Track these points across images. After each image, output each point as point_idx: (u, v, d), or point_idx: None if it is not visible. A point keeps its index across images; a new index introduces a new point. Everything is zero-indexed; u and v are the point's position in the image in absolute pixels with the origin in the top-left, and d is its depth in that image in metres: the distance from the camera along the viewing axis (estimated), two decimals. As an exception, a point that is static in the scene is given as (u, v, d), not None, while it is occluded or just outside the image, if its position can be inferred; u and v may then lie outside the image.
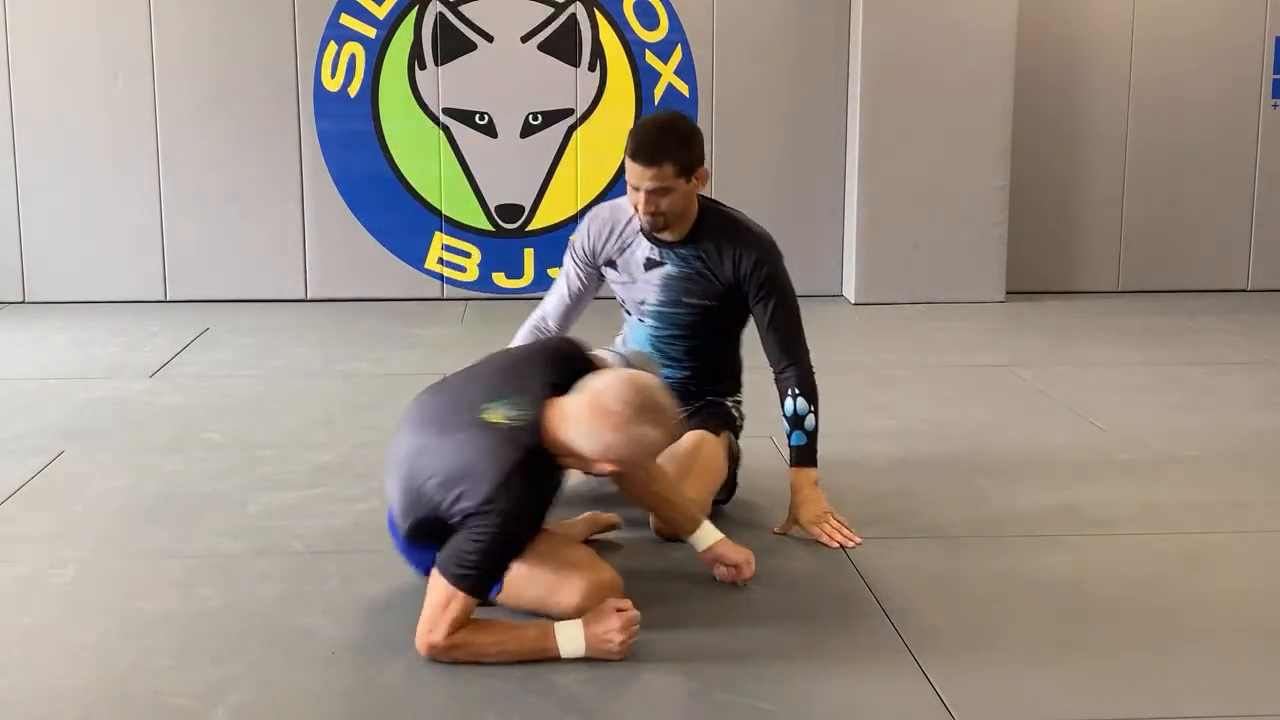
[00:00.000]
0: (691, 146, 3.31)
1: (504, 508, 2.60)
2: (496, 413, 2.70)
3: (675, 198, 3.30)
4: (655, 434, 2.68)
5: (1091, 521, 3.55)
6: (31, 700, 2.54)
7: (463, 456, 2.67)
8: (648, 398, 2.67)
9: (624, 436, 2.64)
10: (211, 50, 6.55)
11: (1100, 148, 6.98)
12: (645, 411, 2.65)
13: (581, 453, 2.68)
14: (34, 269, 6.65)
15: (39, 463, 4.00)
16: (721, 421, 3.57)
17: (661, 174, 3.24)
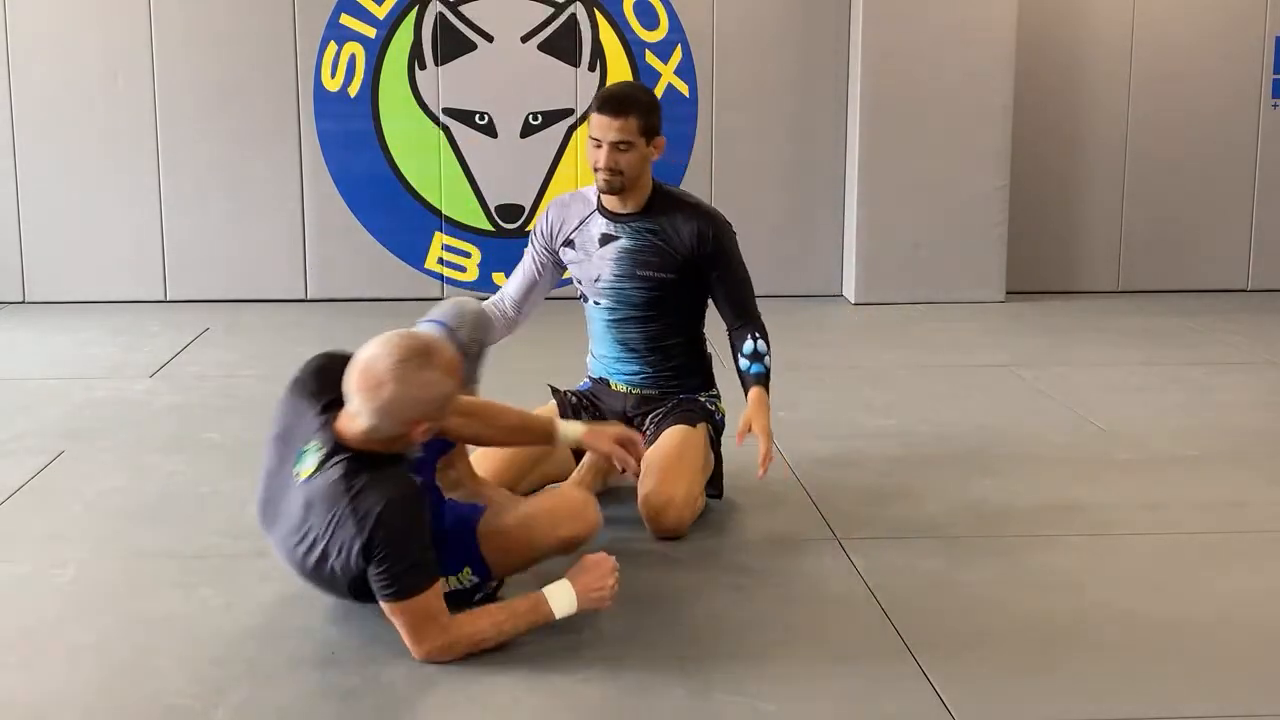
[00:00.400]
0: (656, 108, 3.44)
1: (380, 520, 2.53)
2: (307, 467, 2.64)
3: (634, 158, 3.38)
4: (435, 375, 2.56)
5: (1091, 521, 3.55)
6: (32, 700, 2.54)
7: (326, 528, 2.59)
8: (405, 346, 2.56)
9: (405, 393, 2.53)
10: (212, 50, 6.55)
11: (1100, 148, 6.98)
12: (410, 360, 2.54)
13: (389, 435, 2.59)
14: (34, 269, 6.65)
15: (39, 463, 4.00)
16: (697, 414, 3.55)
17: (627, 126, 3.34)
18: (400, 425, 2.59)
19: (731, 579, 3.14)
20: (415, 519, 2.60)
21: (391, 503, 2.55)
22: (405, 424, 2.59)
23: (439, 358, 2.61)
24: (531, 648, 2.74)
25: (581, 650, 2.75)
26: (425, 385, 2.56)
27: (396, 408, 2.55)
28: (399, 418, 2.57)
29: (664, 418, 3.54)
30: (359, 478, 2.57)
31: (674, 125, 6.73)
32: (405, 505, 2.58)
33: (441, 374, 2.59)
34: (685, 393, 3.61)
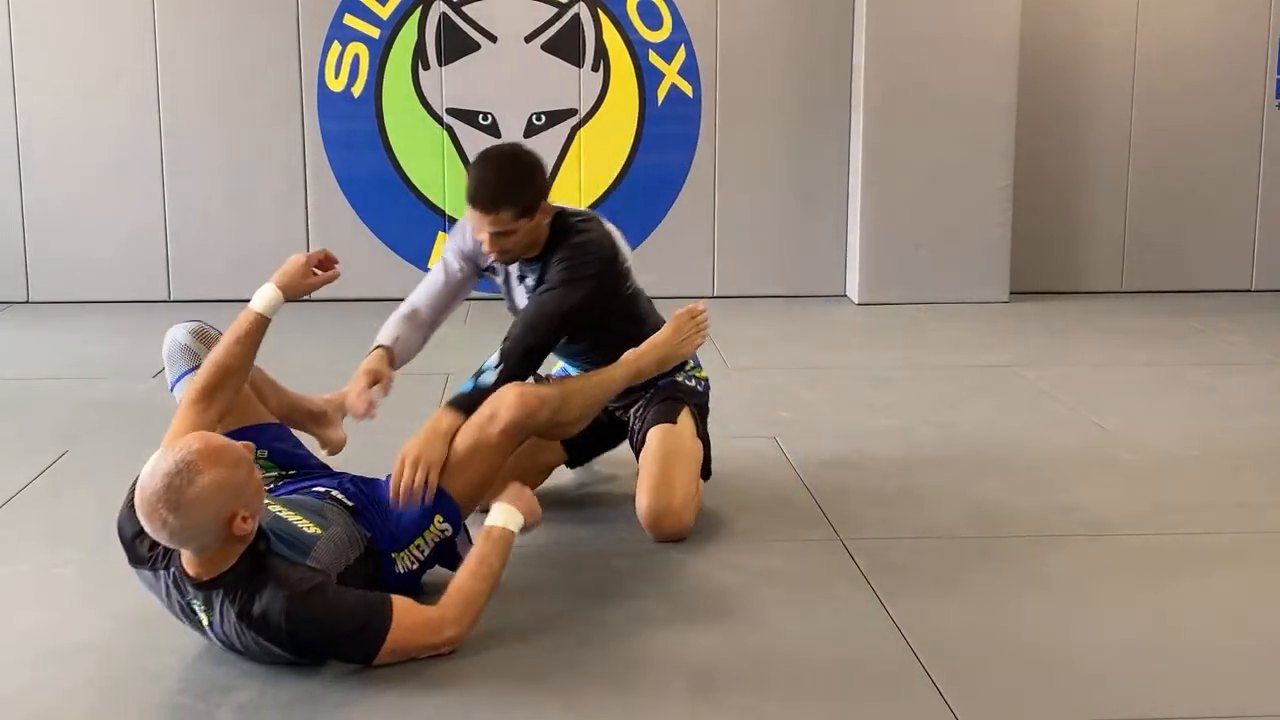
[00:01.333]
0: (532, 185, 3.19)
1: (297, 632, 2.51)
2: (203, 617, 2.56)
3: (520, 237, 3.19)
4: (206, 479, 2.40)
5: (1094, 522, 3.54)
6: (34, 701, 2.54)
7: (264, 655, 2.57)
8: (161, 473, 2.41)
9: (191, 515, 2.40)
10: (215, 50, 6.55)
11: (1103, 147, 6.98)
12: (173, 484, 2.40)
13: (217, 545, 2.47)
14: (37, 268, 6.66)
15: (42, 462, 4.00)
16: (679, 401, 3.50)
17: (500, 219, 3.14)
18: (215, 535, 2.46)
19: (734, 579, 3.13)
20: (321, 601, 2.53)
21: (292, 611, 2.50)
22: (219, 530, 2.46)
23: (202, 457, 2.43)
24: (533, 646, 2.75)
25: (583, 649, 2.75)
26: (205, 494, 2.41)
27: (196, 529, 2.43)
28: (208, 532, 2.45)
29: (646, 410, 3.49)
30: (248, 605, 2.50)
31: (678, 126, 6.75)
32: (305, 598, 2.52)
33: (214, 471, 2.42)
34: (662, 376, 3.48)
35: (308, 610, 2.51)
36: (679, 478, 3.34)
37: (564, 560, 3.25)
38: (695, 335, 3.41)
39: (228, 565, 2.51)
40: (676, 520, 3.31)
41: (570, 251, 3.25)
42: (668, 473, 3.33)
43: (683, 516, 3.32)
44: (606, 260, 3.30)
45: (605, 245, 3.32)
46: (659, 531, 3.31)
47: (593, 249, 3.28)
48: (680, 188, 6.78)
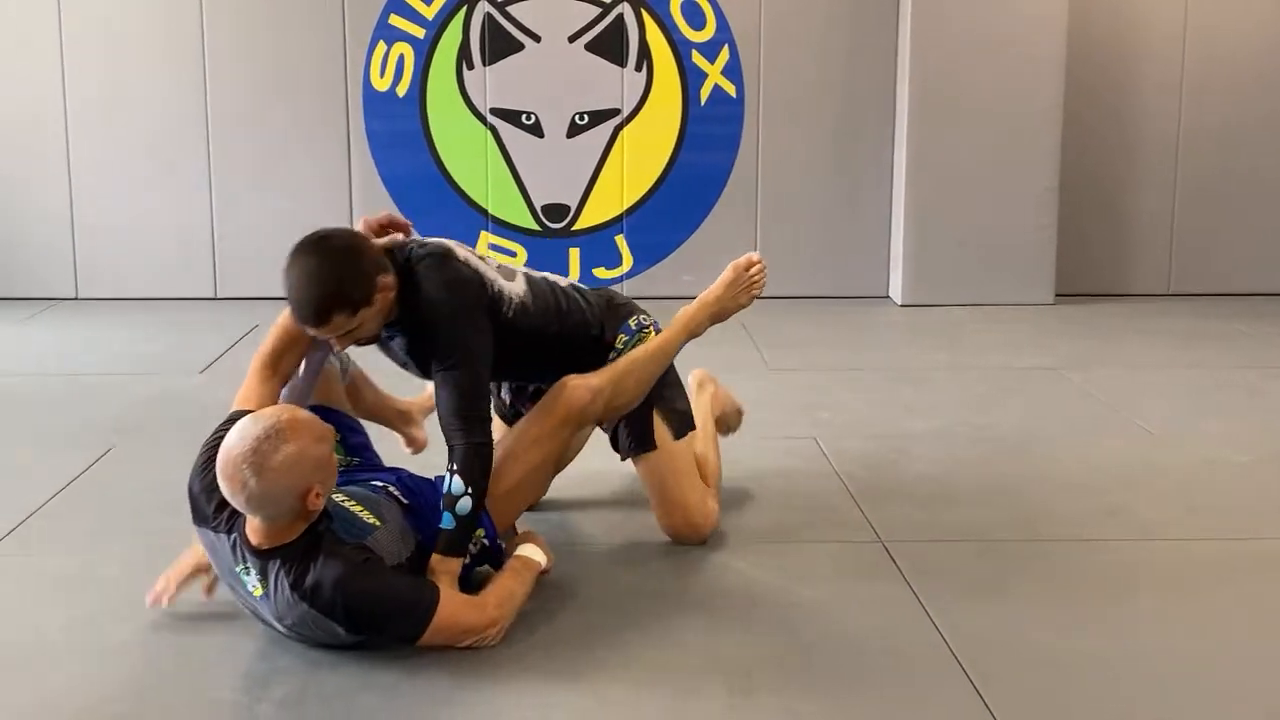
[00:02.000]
0: (355, 279, 2.79)
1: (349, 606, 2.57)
2: (255, 586, 2.61)
3: (369, 325, 2.87)
4: (292, 448, 2.48)
5: (1138, 526, 3.51)
6: (78, 693, 2.57)
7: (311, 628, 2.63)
8: (252, 435, 2.48)
9: (273, 480, 2.46)
10: (262, 50, 6.61)
11: (1151, 148, 6.91)
12: (261, 447, 2.47)
13: (287, 518, 2.54)
14: (86, 266, 6.74)
15: (89, 457, 4.05)
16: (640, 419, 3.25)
17: (335, 327, 2.81)
18: (288, 507, 2.53)
19: (773, 581, 3.13)
20: (373, 575, 2.61)
21: (346, 583, 2.55)
22: (293, 503, 2.52)
23: (290, 428, 2.51)
24: (571, 645, 2.76)
25: (622, 650, 2.76)
26: (288, 464, 2.48)
27: (272, 496, 2.50)
28: (281, 502, 2.51)
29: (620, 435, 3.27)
30: (303, 577, 2.55)
31: (720, 126, 6.74)
32: (357, 574, 2.58)
33: (299, 442, 2.50)
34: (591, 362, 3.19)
35: (361, 583, 2.57)
36: (686, 495, 3.27)
37: (602, 559, 3.26)
38: (752, 287, 3.32)
39: (290, 538, 2.57)
40: (697, 533, 3.30)
41: (435, 311, 2.89)
42: (672, 495, 3.27)
43: (702, 529, 3.31)
44: (472, 298, 2.94)
45: (461, 281, 2.94)
46: (685, 542, 3.31)
47: (454, 293, 2.91)
48: (722, 188, 6.78)
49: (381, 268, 2.86)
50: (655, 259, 6.79)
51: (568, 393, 3.06)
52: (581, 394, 3.06)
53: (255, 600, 2.65)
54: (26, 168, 6.64)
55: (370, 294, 2.82)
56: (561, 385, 3.08)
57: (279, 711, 2.49)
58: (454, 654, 2.70)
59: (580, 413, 3.06)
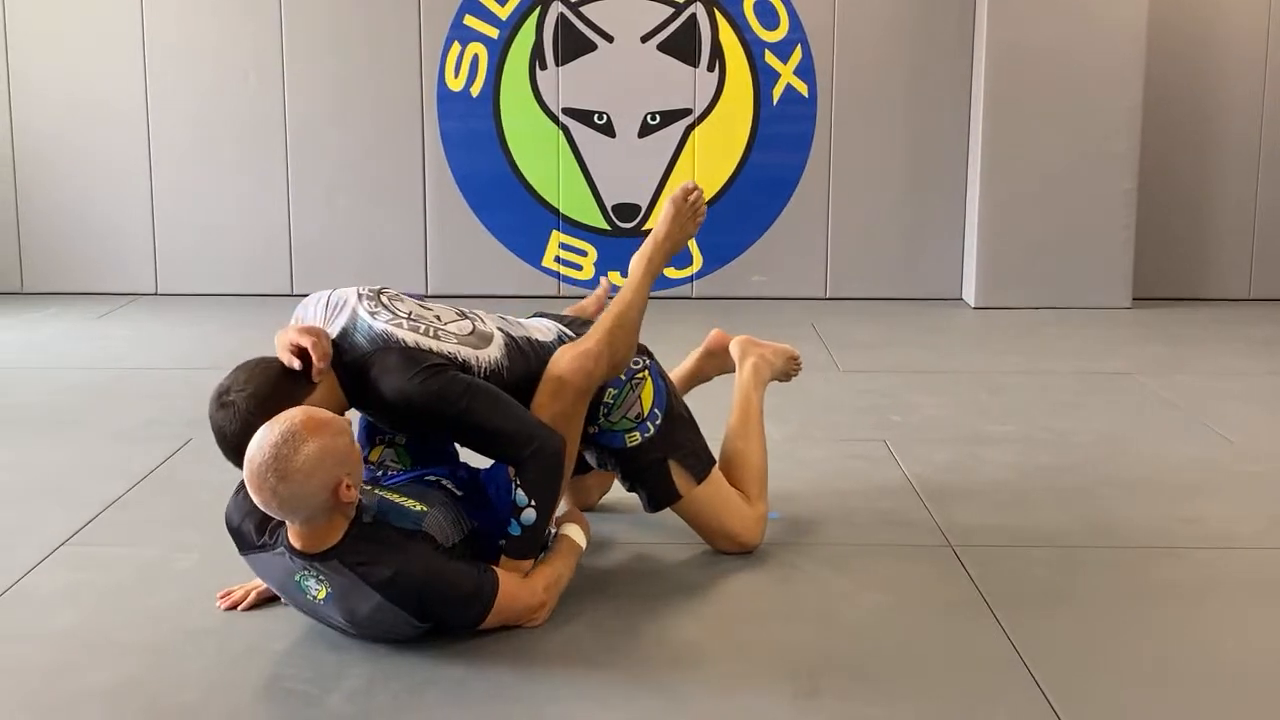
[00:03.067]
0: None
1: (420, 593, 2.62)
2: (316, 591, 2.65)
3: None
4: (311, 447, 2.48)
5: (1215, 534, 3.45)
6: (154, 682, 2.62)
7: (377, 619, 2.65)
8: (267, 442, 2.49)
9: (296, 484, 2.48)
10: (339, 51, 6.69)
11: (1233, 149, 6.78)
12: (279, 452, 2.48)
13: (324, 515, 2.55)
14: (166, 262, 6.86)
15: (167, 450, 4.13)
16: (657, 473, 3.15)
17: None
18: (322, 504, 2.53)
19: (842, 584, 3.11)
20: (439, 563, 2.66)
21: (417, 572, 2.60)
22: (325, 499, 2.52)
23: (306, 427, 2.51)
24: (639, 643, 2.76)
25: (686, 649, 2.76)
26: (311, 463, 2.48)
27: (303, 497, 2.50)
28: (314, 501, 2.52)
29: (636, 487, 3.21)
30: (373, 571, 2.58)
31: (793, 125, 6.72)
32: (429, 560, 2.64)
33: (319, 439, 2.50)
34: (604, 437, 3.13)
35: (432, 572, 2.63)
36: (727, 525, 3.21)
37: (673, 562, 3.26)
38: (696, 215, 3.22)
39: (337, 538, 2.59)
40: (747, 549, 3.25)
41: (413, 404, 2.77)
42: (713, 528, 3.22)
43: (750, 544, 3.25)
44: (438, 373, 2.80)
45: (418, 366, 2.77)
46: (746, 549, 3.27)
47: (420, 380, 2.76)
48: (794, 188, 6.75)
49: (298, 397, 2.73)
50: (725, 259, 6.78)
51: (567, 366, 2.95)
52: (581, 363, 2.96)
53: (319, 604, 2.67)
54: (109, 165, 6.78)
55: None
56: (557, 362, 2.96)
57: (348, 703, 2.52)
58: (519, 648, 2.72)
59: (587, 379, 2.97)
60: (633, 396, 3.13)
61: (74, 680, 2.62)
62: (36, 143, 6.78)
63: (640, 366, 3.17)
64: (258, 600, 2.93)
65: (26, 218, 6.84)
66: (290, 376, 2.78)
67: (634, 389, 3.14)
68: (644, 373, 3.17)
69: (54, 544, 3.33)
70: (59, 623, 2.88)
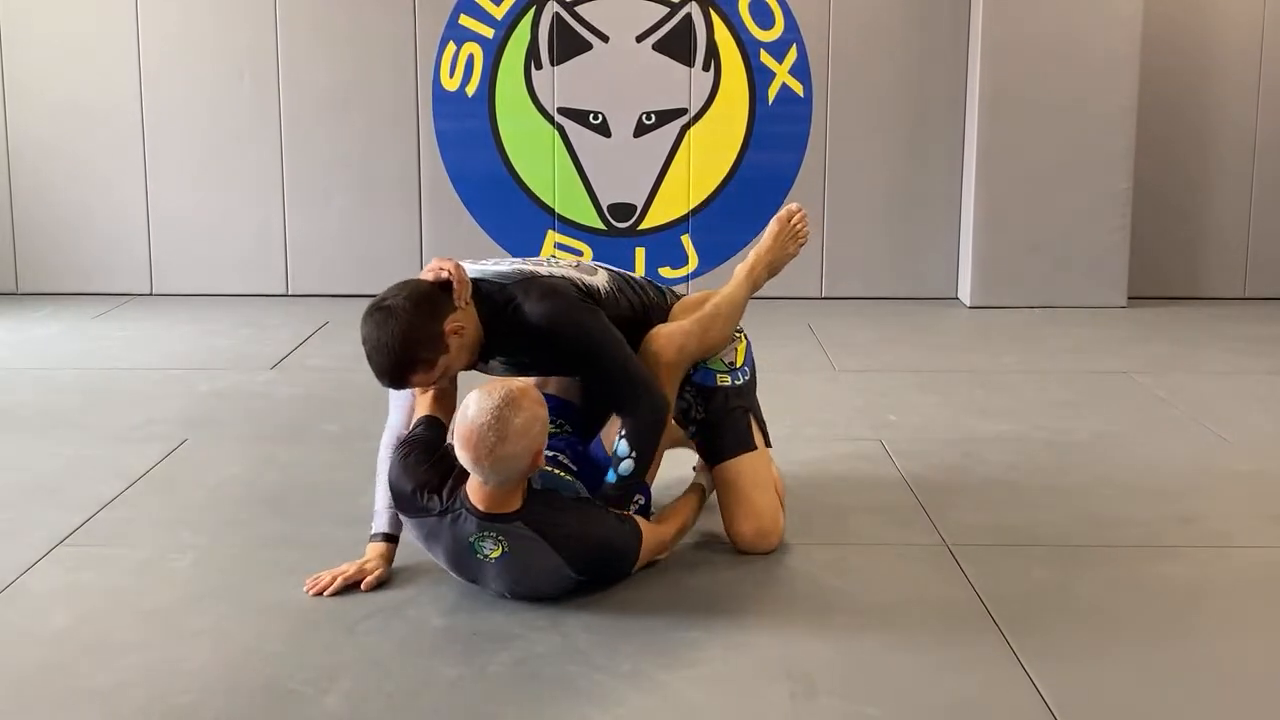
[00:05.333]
0: (424, 334, 2.90)
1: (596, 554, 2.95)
2: (491, 551, 2.85)
3: (451, 364, 2.98)
4: (526, 414, 2.74)
5: (1211, 533, 3.46)
6: (150, 682, 2.61)
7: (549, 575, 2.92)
8: (493, 405, 2.73)
9: (517, 444, 2.73)
10: (334, 50, 6.68)
11: (1228, 148, 6.79)
12: (503, 414, 2.72)
13: (519, 477, 2.80)
14: (161, 262, 6.85)
15: (162, 450, 4.12)
16: (738, 419, 3.30)
17: (415, 383, 2.97)
18: (522, 468, 2.79)
19: (838, 584, 3.11)
20: (604, 523, 2.97)
21: (589, 533, 2.92)
22: (527, 463, 2.79)
23: (522, 395, 2.78)
24: (635, 647, 2.76)
25: (686, 650, 2.76)
26: (524, 427, 2.74)
27: (516, 459, 2.75)
28: (522, 464, 2.77)
29: (710, 427, 3.30)
30: (554, 530, 2.85)
31: (788, 124, 6.72)
32: (595, 523, 2.95)
33: (531, 408, 2.77)
34: (698, 371, 3.28)
35: (599, 532, 2.93)
36: (767, 501, 3.29)
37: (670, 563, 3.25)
38: (797, 236, 3.48)
39: (519, 502, 2.84)
40: (766, 540, 3.27)
41: (545, 329, 2.99)
42: (754, 500, 3.26)
43: (772, 537, 3.28)
44: (571, 298, 3.05)
45: (554, 289, 3.04)
46: (753, 551, 3.28)
47: (555, 303, 3.01)
48: (789, 187, 6.75)
49: (446, 313, 2.95)
50: (721, 259, 6.78)
51: (664, 340, 3.16)
52: (677, 339, 3.17)
53: (488, 564, 2.86)
54: (103, 166, 6.77)
55: (441, 346, 2.94)
56: (655, 336, 3.16)
57: (345, 703, 2.52)
58: (515, 648, 2.72)
59: (679, 353, 3.17)
60: (731, 346, 3.34)
61: (70, 681, 2.61)
62: (31, 143, 6.76)
63: (739, 333, 3.40)
64: (343, 586, 3.01)
65: (21, 218, 6.83)
66: (440, 289, 2.97)
67: (733, 342, 3.35)
68: (741, 335, 3.40)
69: (50, 544, 3.32)
70: (55, 623, 2.88)
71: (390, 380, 2.97)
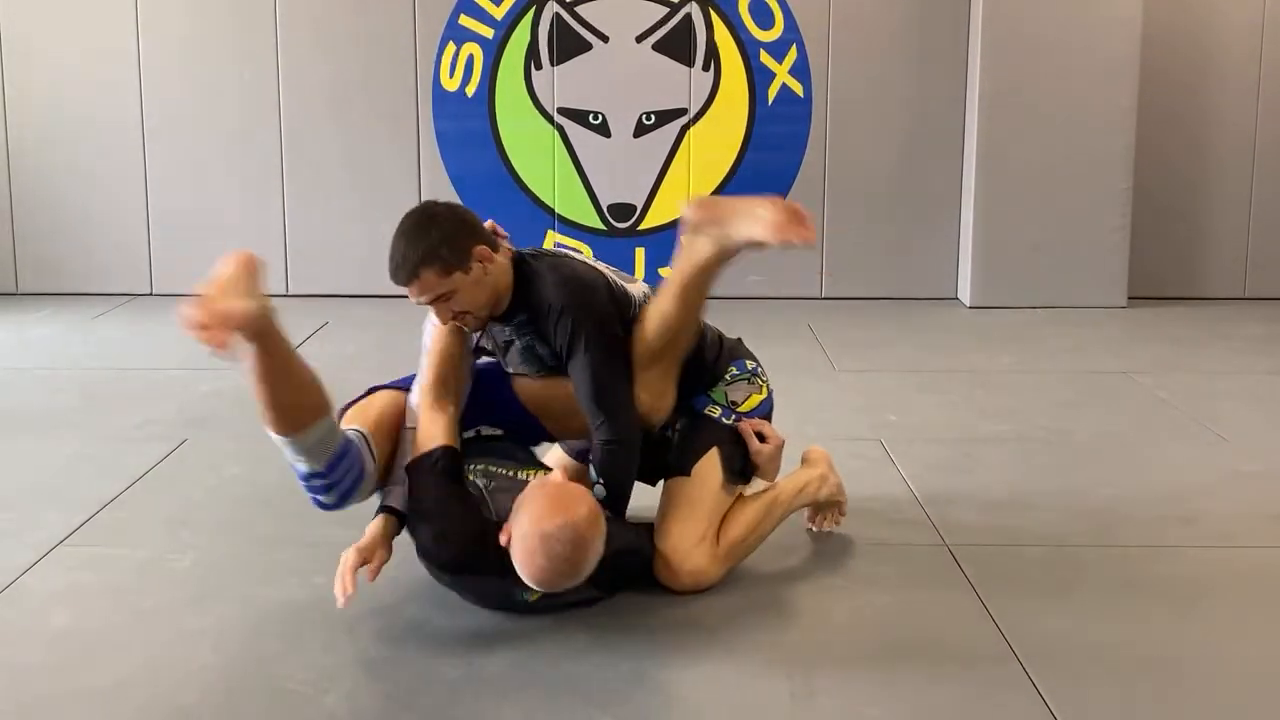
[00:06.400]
0: (452, 238, 2.89)
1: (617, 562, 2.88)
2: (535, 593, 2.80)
3: (464, 295, 2.91)
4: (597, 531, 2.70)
5: (1212, 533, 3.45)
6: (149, 683, 2.61)
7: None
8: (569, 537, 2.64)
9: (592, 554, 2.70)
10: (334, 50, 6.68)
11: (1227, 148, 6.79)
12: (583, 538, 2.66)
13: None
14: (161, 262, 6.85)
15: (162, 450, 4.12)
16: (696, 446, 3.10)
17: (425, 284, 2.89)
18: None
19: (839, 584, 3.11)
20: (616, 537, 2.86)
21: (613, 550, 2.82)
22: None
23: (586, 527, 2.66)
24: (635, 647, 2.76)
25: (687, 649, 2.76)
26: (594, 555, 2.70)
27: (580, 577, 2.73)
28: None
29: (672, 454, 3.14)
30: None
31: (788, 125, 6.71)
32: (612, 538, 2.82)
33: (594, 532, 2.68)
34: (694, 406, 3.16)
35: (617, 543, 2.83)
36: (681, 528, 3.00)
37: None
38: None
39: None
40: (674, 576, 2.98)
41: (559, 301, 2.91)
42: (669, 522, 3.02)
43: (678, 575, 2.98)
44: (597, 290, 2.98)
45: (583, 274, 2.99)
46: (668, 585, 3.00)
47: (578, 282, 2.96)
48: (789, 187, 6.75)
49: (484, 241, 2.93)
50: (721, 259, 6.77)
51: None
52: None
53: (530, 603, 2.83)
54: (103, 166, 6.77)
55: (463, 257, 2.88)
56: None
57: (345, 704, 2.52)
58: (514, 648, 2.72)
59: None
60: (744, 387, 3.19)
61: (70, 680, 2.61)
62: (31, 144, 6.76)
63: (764, 380, 3.25)
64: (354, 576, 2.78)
65: (21, 219, 6.83)
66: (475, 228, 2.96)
67: (751, 384, 3.21)
68: (764, 386, 3.24)
69: (50, 544, 3.32)
70: (55, 623, 2.88)
71: (403, 269, 2.89)
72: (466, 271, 2.89)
